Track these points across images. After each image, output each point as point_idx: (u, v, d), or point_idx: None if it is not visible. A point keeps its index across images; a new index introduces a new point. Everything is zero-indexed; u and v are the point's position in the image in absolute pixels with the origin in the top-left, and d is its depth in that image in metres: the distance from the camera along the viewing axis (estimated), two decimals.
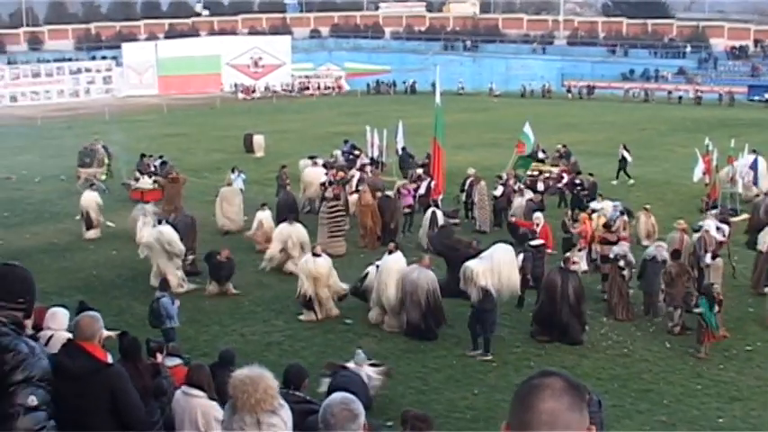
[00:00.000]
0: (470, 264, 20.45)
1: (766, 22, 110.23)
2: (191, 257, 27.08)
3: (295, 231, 26.72)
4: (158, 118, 77.19)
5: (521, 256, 22.44)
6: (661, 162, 43.85)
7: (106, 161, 42.58)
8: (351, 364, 15.82)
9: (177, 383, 11.71)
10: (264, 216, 29.59)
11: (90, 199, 32.17)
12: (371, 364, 17.11)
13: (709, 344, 20.06)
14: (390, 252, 22.10)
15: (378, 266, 22.53)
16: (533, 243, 24.88)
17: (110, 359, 6.93)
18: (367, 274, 23.21)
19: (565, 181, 35.02)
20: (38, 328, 10.16)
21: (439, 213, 29.48)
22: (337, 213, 29.95)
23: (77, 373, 6.47)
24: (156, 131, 64.77)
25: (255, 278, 26.39)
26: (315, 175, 35.14)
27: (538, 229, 25.41)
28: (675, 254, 22.28)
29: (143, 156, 41.06)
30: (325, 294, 22.43)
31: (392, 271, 21.37)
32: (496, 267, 20.40)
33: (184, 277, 25.20)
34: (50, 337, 9.67)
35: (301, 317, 22.49)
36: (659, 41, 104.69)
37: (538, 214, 26.63)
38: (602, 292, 24.08)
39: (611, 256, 22.94)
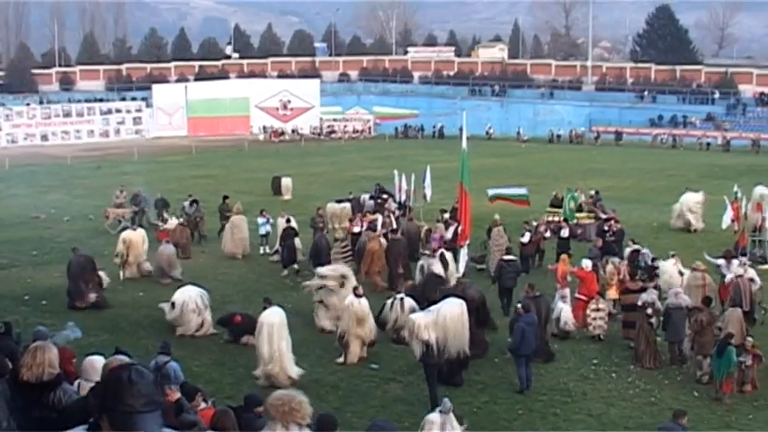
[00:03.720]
0: (414, 316, 20.31)
1: None
2: (93, 296, 27.83)
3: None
4: (187, 159, 77.63)
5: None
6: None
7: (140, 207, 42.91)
8: (435, 414, 15.60)
9: None
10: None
11: (136, 237, 32.45)
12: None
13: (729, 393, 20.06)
14: (265, 308, 21.32)
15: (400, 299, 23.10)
16: (506, 257, 27.22)
17: None
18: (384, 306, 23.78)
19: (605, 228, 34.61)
20: (69, 373, 10.08)
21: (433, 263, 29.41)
22: (348, 253, 30.83)
23: None
24: (184, 173, 65.13)
25: None
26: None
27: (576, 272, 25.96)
28: (707, 301, 22.23)
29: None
30: (364, 336, 22.37)
31: (264, 325, 20.86)
32: (441, 321, 19.81)
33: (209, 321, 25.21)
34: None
35: (339, 359, 22.53)
36: (687, 87, 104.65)
37: (586, 261, 26.67)
38: (624, 339, 23.96)
39: (639, 303, 22.74)
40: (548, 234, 33.90)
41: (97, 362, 10.58)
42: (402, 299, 23.52)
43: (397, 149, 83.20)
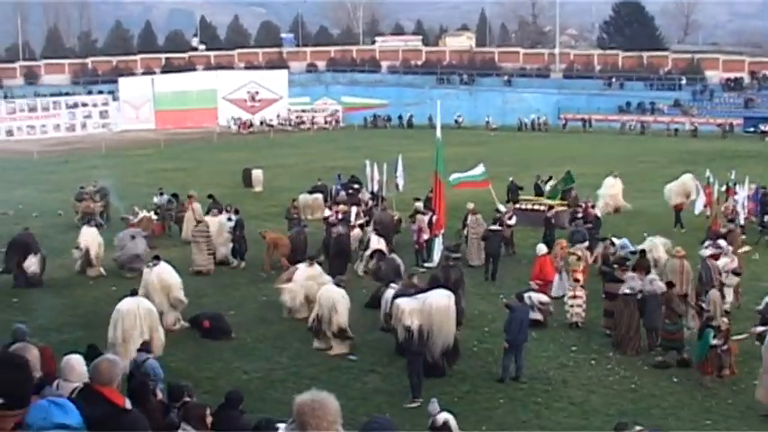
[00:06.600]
0: (399, 301, 20.21)
1: (760, 54, 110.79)
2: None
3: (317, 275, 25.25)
4: (155, 152, 77.23)
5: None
6: (661, 195, 43.68)
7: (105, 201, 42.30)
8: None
9: None
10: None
11: (91, 235, 32.01)
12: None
13: (709, 376, 20.06)
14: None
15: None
16: (492, 227, 31.11)
17: (128, 404, 6.69)
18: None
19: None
20: (49, 373, 9.73)
21: (374, 240, 30.04)
22: (209, 235, 31.95)
23: (96, 419, 6.24)
24: (153, 166, 64.76)
25: (257, 314, 26.11)
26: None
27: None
28: (669, 285, 22.19)
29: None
30: (341, 326, 22.21)
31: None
32: (426, 309, 19.66)
33: (179, 316, 24.88)
34: (74, 390, 9.15)
35: (316, 344, 22.52)
36: (655, 74, 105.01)
37: (540, 246, 26.73)
38: (604, 328, 23.91)
39: (627, 291, 22.57)
40: (512, 221, 33.79)
41: (76, 361, 10.25)
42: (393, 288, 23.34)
43: (366, 139, 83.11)
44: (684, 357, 21.21)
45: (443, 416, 15.07)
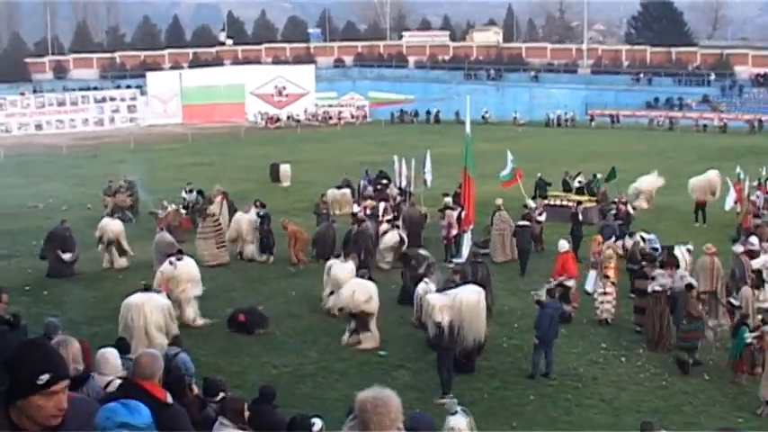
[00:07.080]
0: (430, 297, 20.17)
1: None
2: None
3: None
4: (183, 147, 77.45)
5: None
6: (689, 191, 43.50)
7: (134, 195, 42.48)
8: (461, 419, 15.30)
9: None
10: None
11: (116, 226, 32.21)
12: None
13: (743, 374, 19.94)
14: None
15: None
16: (520, 223, 31.31)
17: (169, 399, 6.69)
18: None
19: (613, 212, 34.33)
20: (87, 366, 9.78)
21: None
22: (221, 227, 32.70)
23: None
24: (181, 160, 64.95)
25: (286, 309, 26.14)
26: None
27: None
28: (689, 287, 22.01)
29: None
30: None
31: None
32: (457, 305, 19.61)
33: (198, 312, 24.85)
34: (109, 383, 9.18)
35: (344, 340, 22.57)
36: (683, 69, 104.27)
37: (562, 242, 26.52)
38: (634, 324, 23.80)
39: (658, 288, 22.42)
40: (541, 218, 33.76)
41: (111, 354, 10.32)
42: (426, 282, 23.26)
43: (393, 135, 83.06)
44: (686, 359, 20.93)
45: (453, 421, 14.85)
